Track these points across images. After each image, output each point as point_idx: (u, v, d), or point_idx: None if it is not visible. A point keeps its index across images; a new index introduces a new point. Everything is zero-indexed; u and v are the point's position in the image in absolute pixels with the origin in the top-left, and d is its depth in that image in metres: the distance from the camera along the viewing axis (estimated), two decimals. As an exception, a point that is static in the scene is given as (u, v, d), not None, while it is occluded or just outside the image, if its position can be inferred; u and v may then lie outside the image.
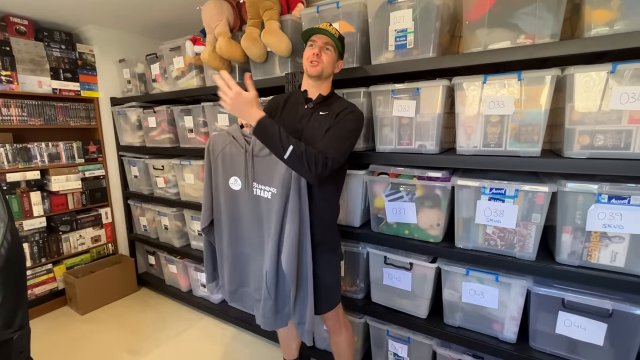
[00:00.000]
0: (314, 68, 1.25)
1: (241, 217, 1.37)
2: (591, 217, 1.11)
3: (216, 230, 1.46)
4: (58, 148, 2.49)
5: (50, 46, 2.41)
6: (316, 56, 1.24)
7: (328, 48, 1.26)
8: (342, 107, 1.28)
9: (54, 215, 2.49)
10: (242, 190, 1.34)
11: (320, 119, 1.27)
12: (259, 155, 1.28)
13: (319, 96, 1.31)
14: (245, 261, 1.42)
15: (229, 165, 1.35)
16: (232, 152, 1.34)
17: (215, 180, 1.40)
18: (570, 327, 1.20)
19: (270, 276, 1.29)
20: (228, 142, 1.35)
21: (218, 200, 1.41)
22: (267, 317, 1.34)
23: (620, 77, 1.02)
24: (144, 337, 2.20)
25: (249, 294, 1.44)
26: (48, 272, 2.48)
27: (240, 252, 1.42)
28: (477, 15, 1.23)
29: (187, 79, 2.18)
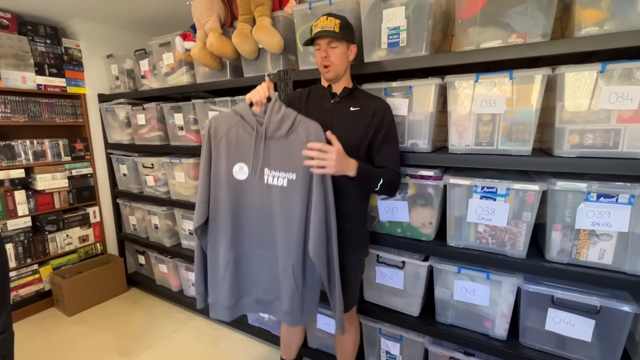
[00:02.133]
0: (329, 73, 1.24)
1: (247, 211, 1.22)
2: (580, 215, 1.13)
3: (212, 230, 1.26)
4: (43, 145, 2.43)
5: (34, 40, 2.34)
6: (326, 59, 1.22)
7: (333, 45, 1.22)
8: (374, 104, 1.28)
9: (39, 215, 2.43)
10: (249, 180, 1.19)
11: (352, 116, 1.26)
12: (273, 137, 1.15)
13: (344, 89, 1.30)
14: (251, 264, 1.27)
15: (234, 151, 1.19)
16: (239, 135, 1.18)
17: (216, 168, 1.22)
18: (559, 324, 1.21)
19: (297, 268, 1.19)
20: (234, 123, 1.20)
21: (217, 192, 1.23)
22: (293, 314, 1.23)
23: (609, 77, 1.03)
24: (134, 338, 2.17)
25: (255, 300, 1.31)
26: (34, 273, 2.42)
27: (244, 254, 1.26)
28: (469, 13, 1.23)
29: (177, 76, 2.14)
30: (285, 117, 1.18)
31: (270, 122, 1.16)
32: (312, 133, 1.17)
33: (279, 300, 1.27)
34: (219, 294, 1.28)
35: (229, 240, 1.24)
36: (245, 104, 1.21)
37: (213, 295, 1.31)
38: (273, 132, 1.16)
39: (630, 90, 1.01)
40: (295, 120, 1.18)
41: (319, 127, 1.19)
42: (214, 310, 1.32)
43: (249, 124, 1.18)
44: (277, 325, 1.98)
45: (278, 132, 1.16)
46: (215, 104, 1.95)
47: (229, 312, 1.30)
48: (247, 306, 1.33)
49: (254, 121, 1.18)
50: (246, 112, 1.19)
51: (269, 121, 1.16)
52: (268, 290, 1.28)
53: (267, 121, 1.16)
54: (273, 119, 1.17)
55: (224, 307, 1.29)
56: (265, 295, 1.29)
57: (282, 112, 1.18)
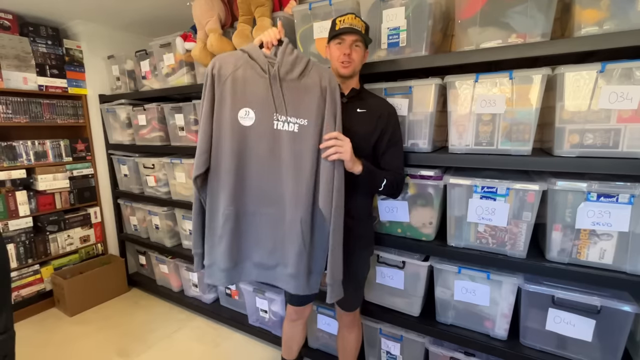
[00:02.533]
0: (346, 69, 1.22)
1: (252, 160, 1.12)
2: (580, 215, 1.13)
3: (212, 182, 1.14)
4: (45, 146, 2.43)
5: (35, 41, 2.35)
6: (348, 56, 1.20)
7: (357, 45, 1.21)
8: (380, 107, 1.29)
9: (40, 215, 2.43)
10: (257, 125, 1.09)
11: (359, 117, 1.26)
12: (285, 79, 1.07)
13: (352, 90, 1.30)
14: (253, 222, 1.16)
15: (241, 94, 1.09)
16: (247, 76, 1.08)
17: (219, 113, 1.10)
18: (559, 324, 1.21)
19: (305, 222, 1.11)
20: (242, 63, 1.09)
21: (220, 139, 1.11)
22: (299, 277, 1.14)
23: (609, 77, 1.03)
24: (134, 338, 2.17)
25: (255, 265, 1.20)
26: (35, 273, 2.43)
27: (247, 211, 1.16)
28: (469, 13, 1.23)
29: (178, 76, 2.15)
30: (299, 59, 1.12)
31: (282, 63, 1.08)
32: (325, 78, 1.12)
33: (282, 266, 1.18)
34: (215, 255, 1.17)
35: (231, 193, 1.12)
36: (254, 44, 1.13)
37: (209, 256, 1.20)
38: (285, 73, 1.08)
39: (630, 90, 1.01)
40: (309, 63, 1.13)
41: (332, 73, 1.16)
42: (210, 274, 1.20)
43: (258, 64, 1.09)
44: (278, 325, 1.98)
45: (290, 75, 1.09)
46: (216, 104, 1.95)
47: (226, 276, 1.18)
48: (247, 272, 1.22)
49: (265, 61, 1.08)
50: (256, 51, 1.10)
51: (281, 62, 1.08)
52: (272, 252, 1.18)
53: (279, 61, 1.08)
54: (286, 60, 1.10)
55: (220, 270, 1.18)
56: (268, 258, 1.19)
57: (295, 54, 1.12)
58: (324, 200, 1.12)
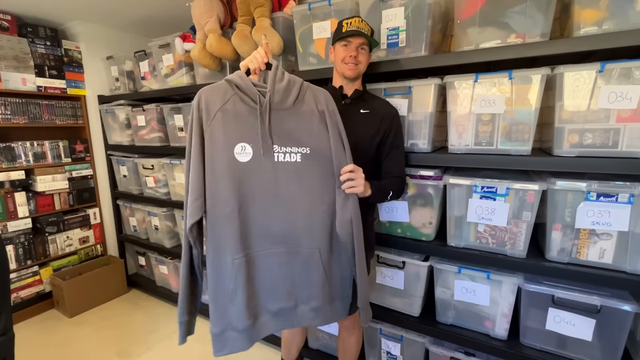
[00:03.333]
0: (352, 71, 1.23)
1: (255, 198, 1.02)
2: (580, 214, 1.13)
3: (212, 231, 1.03)
4: (43, 147, 2.43)
5: (34, 42, 2.34)
6: (353, 58, 1.20)
7: (363, 48, 1.21)
8: (384, 109, 1.30)
9: (40, 216, 2.43)
10: (255, 161, 1.00)
11: (362, 119, 1.27)
12: (279, 108, 1.01)
13: (355, 91, 1.30)
14: (266, 267, 1.05)
15: (233, 128, 0.99)
16: (238, 109, 1.00)
17: (212, 152, 0.99)
18: (559, 323, 1.21)
19: (324, 252, 1.05)
20: (230, 95, 1.01)
21: (216, 181, 1.00)
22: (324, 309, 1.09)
23: (608, 76, 1.03)
24: (134, 339, 2.17)
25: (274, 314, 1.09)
26: (34, 275, 2.42)
27: (257, 255, 1.04)
28: (468, 14, 1.23)
29: (177, 77, 2.15)
30: (291, 85, 1.05)
31: (274, 92, 1.01)
32: (321, 101, 1.07)
33: (303, 304, 1.11)
34: (230, 315, 1.03)
35: (238, 237, 1.01)
36: (241, 72, 1.05)
37: (219, 321, 1.04)
38: (279, 102, 1.02)
39: (629, 90, 1.01)
40: (302, 87, 1.07)
41: (327, 93, 1.11)
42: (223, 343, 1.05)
43: (248, 95, 1.01)
44: (277, 326, 1.97)
45: (285, 103, 1.02)
46: (215, 105, 1.95)
47: (247, 337, 1.04)
48: (266, 326, 1.09)
49: (255, 91, 1.00)
50: (244, 81, 1.01)
51: (272, 90, 1.01)
52: (289, 293, 1.08)
53: (270, 90, 1.01)
54: (277, 87, 1.03)
55: (237, 332, 1.03)
56: (286, 301, 1.09)
57: (286, 79, 1.05)
58: (341, 227, 1.07)
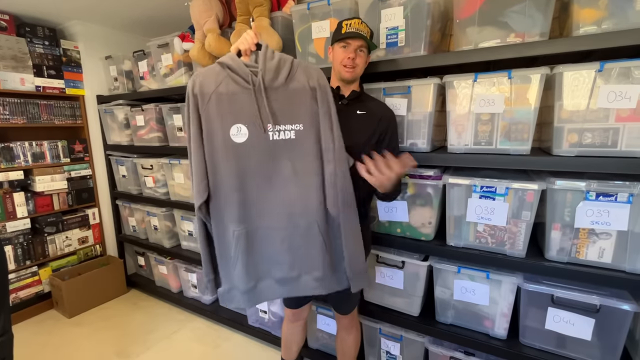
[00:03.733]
0: (349, 74, 1.23)
1: (253, 176, 1.07)
2: (579, 214, 1.13)
3: (215, 206, 1.10)
4: (42, 147, 2.42)
5: (32, 42, 2.34)
6: (351, 60, 1.20)
7: (362, 50, 1.21)
8: (380, 111, 1.29)
9: (38, 217, 2.42)
10: (251, 140, 1.05)
11: (358, 120, 1.26)
12: (272, 87, 1.03)
13: (352, 92, 1.29)
14: (267, 238, 1.12)
15: (228, 110, 1.03)
16: (232, 91, 1.02)
17: (209, 134, 1.04)
18: (559, 323, 1.21)
19: (322, 224, 1.09)
20: (223, 77, 1.03)
21: (216, 162, 1.06)
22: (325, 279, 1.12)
23: (607, 76, 1.03)
24: (133, 339, 2.16)
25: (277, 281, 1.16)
26: (33, 275, 2.42)
27: (257, 227, 1.11)
28: (467, 13, 1.23)
29: (176, 77, 2.14)
30: (282, 63, 1.06)
31: (266, 70, 1.03)
32: (313, 77, 1.08)
33: (306, 274, 1.15)
34: (233, 278, 1.14)
35: (237, 212, 1.08)
36: (232, 54, 1.07)
37: (226, 280, 1.16)
38: (270, 81, 1.04)
39: (629, 89, 1.01)
40: (293, 64, 1.08)
41: (320, 70, 1.12)
42: (230, 298, 1.16)
43: (240, 75, 1.03)
44: (277, 326, 1.98)
45: (276, 81, 1.04)
46: (214, 104, 1.95)
47: (248, 298, 1.14)
48: (268, 290, 1.16)
49: (247, 71, 1.02)
50: (236, 62, 1.04)
51: (264, 69, 1.03)
52: (292, 264, 1.13)
53: (262, 69, 1.03)
54: (268, 66, 1.04)
55: (241, 293, 1.13)
56: (289, 271, 1.14)
57: (277, 58, 1.06)
58: (330, 201, 1.10)
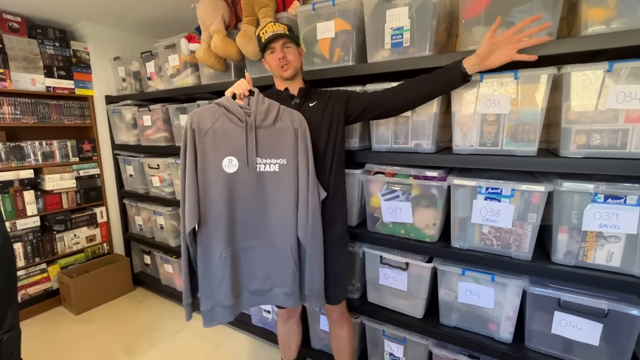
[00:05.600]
0: (287, 71, 1.30)
1: (240, 203, 1.22)
2: (587, 216, 1.11)
3: (202, 231, 1.21)
4: (52, 147, 2.47)
5: (43, 43, 2.38)
6: (283, 59, 1.28)
7: (288, 46, 1.29)
8: (326, 95, 1.37)
9: (48, 215, 2.47)
10: (241, 171, 1.20)
11: (312, 111, 1.33)
12: (262, 126, 1.21)
13: (300, 90, 1.37)
14: (247, 256, 1.27)
15: (222, 144, 1.18)
16: (226, 128, 1.19)
17: (204, 165, 1.18)
18: (566, 327, 1.19)
19: (294, 249, 1.26)
20: (219, 116, 1.20)
21: (208, 190, 1.19)
22: (294, 294, 1.28)
23: (617, 76, 1.01)
24: (139, 337, 2.19)
25: (252, 293, 1.31)
26: (42, 272, 2.46)
27: (240, 247, 1.26)
28: (473, 13, 1.22)
29: (183, 77, 2.16)
30: (271, 107, 1.24)
31: (257, 112, 1.21)
32: (296, 120, 1.25)
33: (277, 287, 1.31)
34: (218, 296, 1.24)
35: (225, 236, 1.21)
36: (228, 97, 1.23)
37: (208, 300, 1.25)
38: (261, 121, 1.21)
39: (638, 90, 0.99)
40: (280, 109, 1.26)
41: (300, 114, 1.27)
42: (211, 316, 1.26)
43: (235, 115, 1.20)
44: (280, 325, 1.98)
45: (266, 121, 1.22)
46: (220, 105, 1.96)
47: (230, 312, 1.26)
48: (245, 302, 1.32)
49: (241, 112, 1.20)
50: (231, 104, 1.21)
51: (256, 111, 1.21)
52: (266, 278, 1.30)
53: (254, 111, 1.20)
54: (260, 108, 1.22)
55: (223, 308, 1.25)
56: (263, 284, 1.31)
57: (267, 103, 1.25)
58: (301, 232, 1.25)
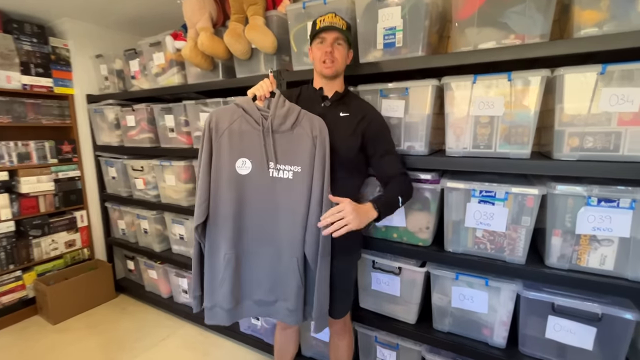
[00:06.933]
0: (329, 69, 1.21)
1: (249, 207, 1.19)
2: (581, 220, 1.10)
3: (211, 229, 1.21)
4: (28, 147, 2.35)
5: (20, 39, 2.27)
6: (330, 55, 1.18)
7: (339, 43, 1.20)
8: (363, 110, 1.27)
9: (23, 219, 2.34)
10: (253, 174, 1.17)
11: (341, 122, 1.24)
12: (279, 131, 1.16)
13: (335, 94, 1.27)
14: (253, 262, 1.23)
15: (237, 145, 1.17)
16: (243, 129, 1.17)
17: (217, 163, 1.18)
18: (559, 332, 1.18)
19: (300, 262, 1.19)
20: (237, 117, 1.18)
21: (218, 189, 1.19)
22: (298, 311, 1.21)
23: (609, 79, 1.01)
24: (121, 346, 2.09)
25: (256, 302, 1.26)
26: (17, 280, 2.33)
27: (245, 252, 1.22)
28: (466, 14, 1.21)
29: (168, 76, 2.09)
30: (290, 111, 1.18)
31: (275, 116, 1.16)
32: (316, 127, 1.18)
33: (282, 301, 1.24)
34: (217, 297, 1.22)
35: (230, 238, 1.19)
36: (248, 98, 1.20)
37: (210, 298, 1.24)
38: (278, 125, 1.16)
39: (631, 92, 0.99)
40: (300, 114, 1.19)
41: (322, 121, 1.20)
42: (212, 315, 1.25)
43: (253, 117, 1.17)
44: (270, 333, 1.92)
45: (283, 126, 1.16)
46: (207, 105, 1.90)
47: (228, 316, 1.23)
48: (247, 310, 1.27)
49: (259, 115, 1.17)
50: (250, 105, 1.18)
51: (274, 115, 1.16)
52: (271, 290, 1.24)
53: (272, 115, 1.15)
54: (278, 112, 1.17)
55: (223, 310, 1.22)
56: (268, 295, 1.25)
57: (286, 106, 1.19)
58: (309, 244, 1.18)
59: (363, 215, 1.08)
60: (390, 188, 1.21)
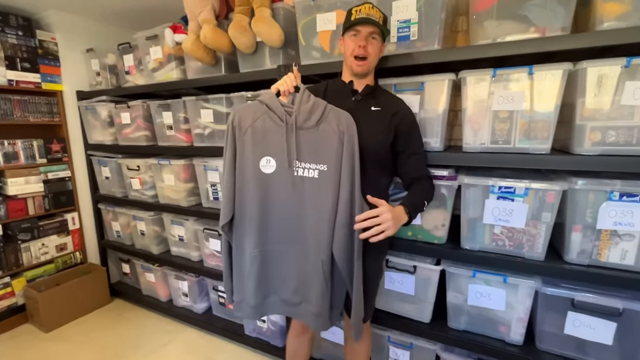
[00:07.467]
0: (361, 67, 1.16)
1: (275, 206, 1.16)
2: (602, 215, 1.09)
3: (237, 227, 1.20)
4: (15, 147, 2.22)
5: (4, 32, 2.14)
6: (363, 49, 1.12)
7: (374, 37, 1.14)
8: (395, 105, 1.23)
9: (11, 223, 2.21)
10: (278, 173, 1.14)
11: (373, 116, 1.20)
12: (303, 127, 1.11)
13: (366, 87, 1.23)
14: (279, 260, 1.20)
15: (261, 143, 1.13)
16: (267, 127, 1.13)
17: (241, 162, 1.15)
18: (579, 327, 1.18)
19: (327, 264, 1.14)
20: (260, 114, 1.14)
21: (243, 188, 1.16)
22: (322, 315, 1.17)
23: (634, 72, 1.00)
24: (118, 355, 2.00)
25: (282, 301, 1.24)
26: (5, 287, 2.21)
27: (271, 250, 1.19)
28: (485, 5, 1.18)
29: (166, 71, 2.01)
30: (316, 107, 1.13)
31: (300, 112, 1.11)
32: (343, 122, 1.13)
33: (305, 303, 1.21)
34: (244, 292, 1.23)
35: (256, 236, 1.17)
36: (272, 94, 1.15)
37: (239, 293, 1.26)
38: (303, 122, 1.11)
39: (655, 86, 0.98)
40: (326, 109, 1.14)
41: (350, 116, 1.14)
42: (240, 308, 1.26)
43: (276, 114, 1.13)
44: (277, 335, 1.87)
45: (308, 122, 1.11)
46: (209, 101, 1.83)
47: (255, 312, 1.23)
48: (273, 306, 1.25)
49: (282, 111, 1.12)
50: (273, 101, 1.13)
51: (298, 111, 1.11)
52: (296, 290, 1.21)
53: (296, 111, 1.11)
54: (302, 108, 1.12)
55: (250, 306, 1.22)
56: (293, 296, 1.22)
57: (311, 101, 1.13)
58: (338, 245, 1.13)
59: (398, 221, 1.07)
60: (417, 191, 1.19)
